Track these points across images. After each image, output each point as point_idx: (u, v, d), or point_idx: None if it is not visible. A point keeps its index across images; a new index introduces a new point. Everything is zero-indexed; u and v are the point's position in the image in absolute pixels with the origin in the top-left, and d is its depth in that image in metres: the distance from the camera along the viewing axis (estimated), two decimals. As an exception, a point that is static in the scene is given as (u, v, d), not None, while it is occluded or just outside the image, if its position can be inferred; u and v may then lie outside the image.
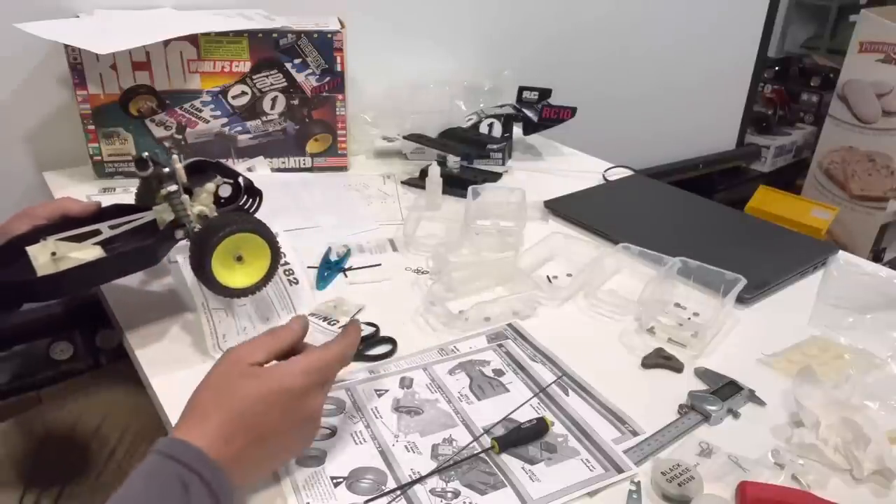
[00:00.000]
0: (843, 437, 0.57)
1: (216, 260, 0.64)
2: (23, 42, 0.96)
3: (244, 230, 0.65)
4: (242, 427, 0.49)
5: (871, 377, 0.67)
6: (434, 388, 0.65)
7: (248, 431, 0.49)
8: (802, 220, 2.17)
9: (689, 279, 0.82)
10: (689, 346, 0.72)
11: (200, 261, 0.63)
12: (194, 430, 0.48)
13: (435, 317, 0.77)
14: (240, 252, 0.66)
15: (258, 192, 0.74)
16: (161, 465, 0.45)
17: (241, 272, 0.66)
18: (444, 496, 0.53)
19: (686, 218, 1.06)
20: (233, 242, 0.64)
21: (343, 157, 1.18)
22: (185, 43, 1.03)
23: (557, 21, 1.63)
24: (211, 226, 0.65)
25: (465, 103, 1.31)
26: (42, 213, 0.69)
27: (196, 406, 0.50)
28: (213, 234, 0.63)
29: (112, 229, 0.69)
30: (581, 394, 0.65)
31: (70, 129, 1.07)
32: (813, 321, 0.78)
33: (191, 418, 0.49)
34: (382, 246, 0.93)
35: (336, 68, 1.10)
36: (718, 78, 2.04)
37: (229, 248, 0.65)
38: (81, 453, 0.80)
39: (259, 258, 0.67)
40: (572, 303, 0.81)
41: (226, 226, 0.64)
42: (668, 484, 0.53)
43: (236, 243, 0.65)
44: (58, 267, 0.64)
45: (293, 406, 0.51)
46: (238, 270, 0.66)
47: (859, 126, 2.55)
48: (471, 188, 0.98)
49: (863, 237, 2.58)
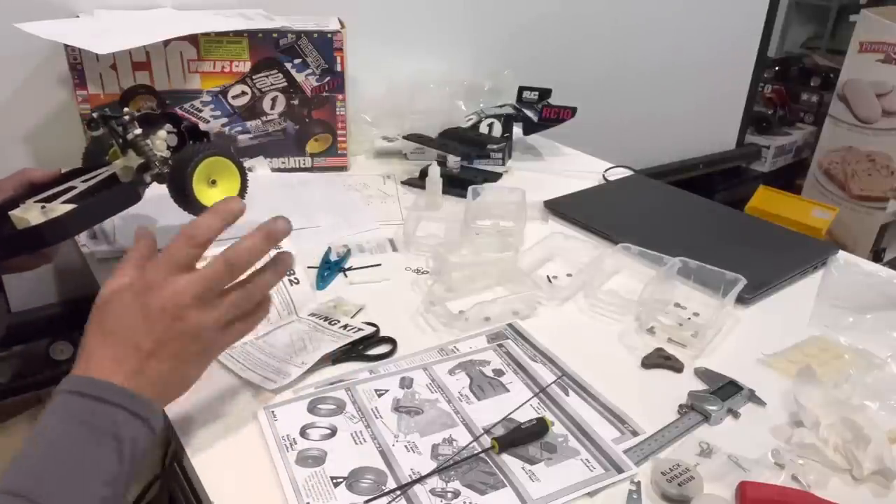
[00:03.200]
0: (843, 437, 0.57)
1: (196, 186, 0.71)
2: (23, 42, 0.96)
3: (213, 154, 0.73)
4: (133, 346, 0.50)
5: (871, 377, 0.67)
6: (434, 388, 0.65)
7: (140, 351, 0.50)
8: (802, 220, 2.17)
9: (689, 279, 0.82)
10: (689, 346, 0.72)
11: (182, 190, 0.71)
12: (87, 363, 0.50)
13: (435, 317, 0.77)
14: (213, 177, 0.74)
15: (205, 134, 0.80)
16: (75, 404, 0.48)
17: (218, 194, 0.74)
18: (444, 496, 0.53)
19: (686, 218, 1.06)
20: (206, 167, 0.72)
21: (343, 157, 1.18)
22: (185, 43, 1.03)
23: (557, 21, 1.63)
24: (182, 157, 0.72)
25: (465, 103, 1.31)
26: (8, 185, 0.72)
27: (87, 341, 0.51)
28: (188, 162, 0.71)
29: (85, 183, 0.73)
30: (581, 394, 0.65)
31: (70, 129, 1.07)
32: (813, 321, 0.78)
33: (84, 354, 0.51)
34: (382, 246, 0.93)
35: (336, 68, 1.10)
36: (718, 78, 2.04)
37: (203, 173, 0.72)
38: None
39: (230, 180, 0.75)
40: (572, 303, 0.81)
41: (196, 153, 0.72)
42: (668, 484, 0.53)
43: (208, 168, 0.73)
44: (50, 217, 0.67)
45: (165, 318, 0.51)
46: (215, 193, 0.74)
47: (859, 126, 2.55)
48: (471, 188, 0.98)
49: (863, 237, 2.59)
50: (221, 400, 0.56)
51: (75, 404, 0.48)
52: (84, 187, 0.72)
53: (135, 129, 0.73)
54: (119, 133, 0.74)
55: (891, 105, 2.45)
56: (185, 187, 0.70)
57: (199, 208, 0.71)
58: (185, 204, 0.72)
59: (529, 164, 1.28)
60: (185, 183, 0.70)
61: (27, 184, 0.73)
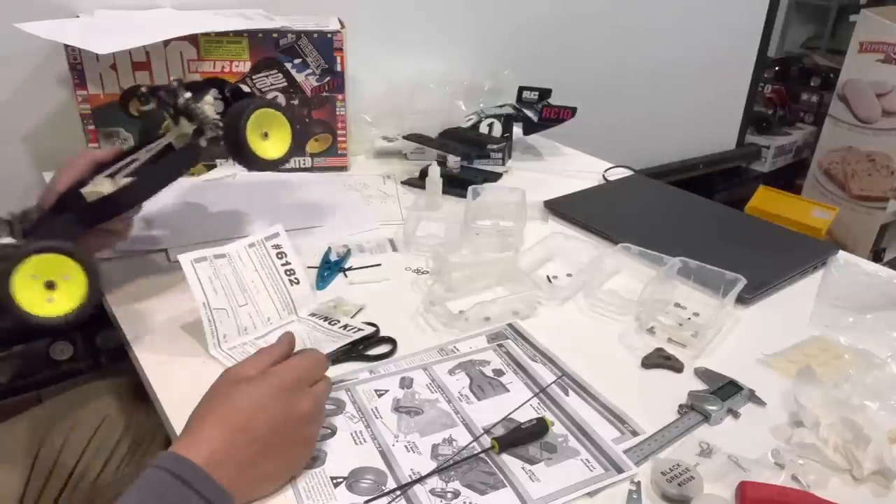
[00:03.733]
0: (843, 437, 0.57)
1: (250, 138, 0.73)
2: (23, 42, 0.96)
3: (262, 106, 0.75)
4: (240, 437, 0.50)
5: (871, 377, 0.67)
6: (434, 388, 0.65)
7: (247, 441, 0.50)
8: (802, 220, 2.17)
9: (689, 279, 0.82)
10: (689, 346, 0.72)
11: (238, 143, 0.73)
12: (192, 446, 0.48)
13: (435, 317, 0.77)
14: (264, 129, 0.76)
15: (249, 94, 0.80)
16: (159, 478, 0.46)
17: (271, 146, 0.76)
18: (444, 496, 0.53)
19: (686, 218, 1.06)
20: (257, 120, 0.74)
21: (343, 156, 1.18)
22: (185, 43, 1.03)
23: (557, 21, 1.63)
24: (233, 113, 0.74)
25: (465, 103, 1.31)
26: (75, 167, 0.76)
27: (194, 421, 0.51)
28: (240, 115, 0.73)
29: (147, 153, 0.76)
30: (581, 394, 0.65)
31: (70, 129, 1.07)
32: (813, 321, 0.78)
33: (190, 433, 0.50)
34: (382, 246, 0.93)
35: (336, 68, 1.11)
36: (718, 78, 2.04)
37: (256, 125, 0.74)
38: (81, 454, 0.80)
39: (281, 131, 0.77)
40: (572, 303, 0.81)
41: (246, 107, 0.73)
42: (668, 484, 0.53)
43: (259, 120, 0.75)
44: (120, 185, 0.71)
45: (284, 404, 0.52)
46: (268, 145, 0.76)
47: (859, 126, 2.55)
48: (471, 188, 0.98)
49: (863, 237, 2.59)
50: (221, 400, 0.56)
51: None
52: (146, 157, 0.75)
53: (184, 94, 0.75)
54: (169, 102, 0.76)
55: (891, 105, 2.45)
56: (239, 140, 0.73)
57: (255, 160, 0.75)
58: (242, 157, 0.75)
59: (529, 164, 1.28)
60: (239, 136, 0.73)
61: (92, 164, 0.76)
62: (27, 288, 0.58)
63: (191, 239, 0.88)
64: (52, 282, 0.60)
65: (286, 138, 0.78)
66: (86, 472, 0.79)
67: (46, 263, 0.59)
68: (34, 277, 0.59)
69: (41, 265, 0.59)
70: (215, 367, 0.67)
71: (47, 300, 0.59)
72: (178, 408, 0.62)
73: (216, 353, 0.68)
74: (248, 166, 0.76)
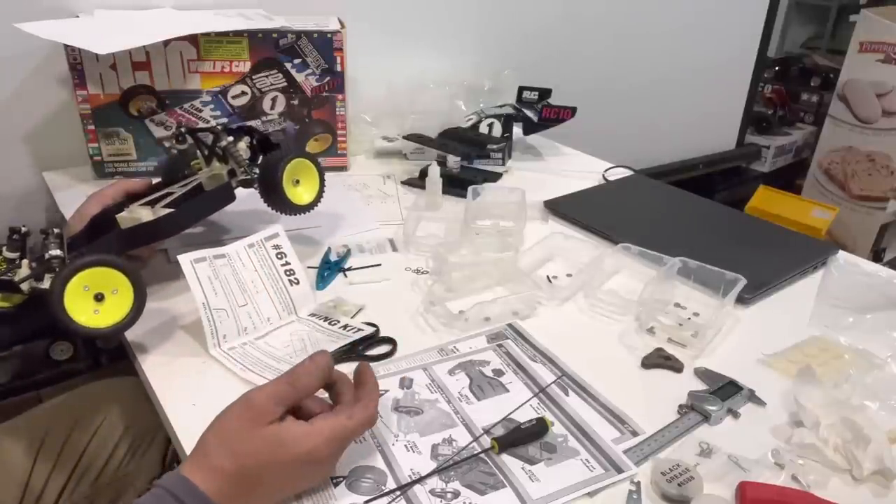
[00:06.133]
0: (843, 437, 0.57)
1: (285, 184, 0.79)
2: (23, 42, 0.96)
3: (298, 157, 0.81)
4: (254, 482, 0.49)
5: (871, 377, 0.67)
6: (434, 388, 0.65)
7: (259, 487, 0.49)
8: (802, 220, 2.17)
9: (689, 279, 0.82)
10: (689, 346, 0.72)
11: (274, 189, 0.79)
12: (202, 473, 0.48)
13: (435, 317, 0.77)
14: (296, 177, 0.82)
15: (276, 145, 0.85)
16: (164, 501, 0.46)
17: (302, 192, 0.82)
18: (444, 496, 0.53)
19: (686, 218, 1.06)
20: (292, 167, 0.80)
21: (343, 157, 1.18)
22: (185, 43, 1.03)
23: (557, 21, 1.63)
24: (270, 161, 0.80)
25: (465, 103, 1.31)
26: (108, 194, 0.79)
27: (209, 449, 0.49)
28: (277, 162, 0.79)
29: (182, 188, 0.80)
30: (581, 394, 0.65)
31: (70, 129, 1.07)
32: (813, 321, 0.78)
33: (201, 459, 0.49)
34: (382, 246, 0.93)
35: (336, 68, 1.11)
36: (718, 78, 2.04)
37: (290, 173, 0.80)
38: (81, 454, 0.80)
39: (311, 179, 0.83)
40: (572, 303, 0.81)
41: (283, 156, 0.80)
42: (667, 484, 0.53)
43: (294, 169, 0.81)
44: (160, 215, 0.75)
45: (311, 470, 0.52)
46: (300, 191, 0.82)
47: (859, 126, 2.55)
48: (471, 188, 0.98)
49: (863, 237, 2.59)
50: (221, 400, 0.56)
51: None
52: (181, 192, 0.80)
53: (227, 138, 0.81)
54: (206, 144, 0.83)
55: (891, 105, 2.45)
56: (276, 187, 0.79)
57: (288, 205, 0.81)
58: (275, 202, 0.81)
59: (529, 164, 1.28)
60: (276, 183, 0.79)
61: (123, 193, 0.80)
62: (78, 297, 0.61)
63: (190, 239, 0.88)
64: (101, 294, 0.63)
65: (315, 185, 0.84)
66: (86, 471, 0.80)
67: (99, 276, 0.62)
68: (86, 288, 0.62)
69: (94, 277, 0.62)
70: (215, 367, 0.67)
71: (94, 311, 0.62)
72: (178, 408, 0.62)
73: (216, 354, 0.68)
74: (281, 210, 0.82)
